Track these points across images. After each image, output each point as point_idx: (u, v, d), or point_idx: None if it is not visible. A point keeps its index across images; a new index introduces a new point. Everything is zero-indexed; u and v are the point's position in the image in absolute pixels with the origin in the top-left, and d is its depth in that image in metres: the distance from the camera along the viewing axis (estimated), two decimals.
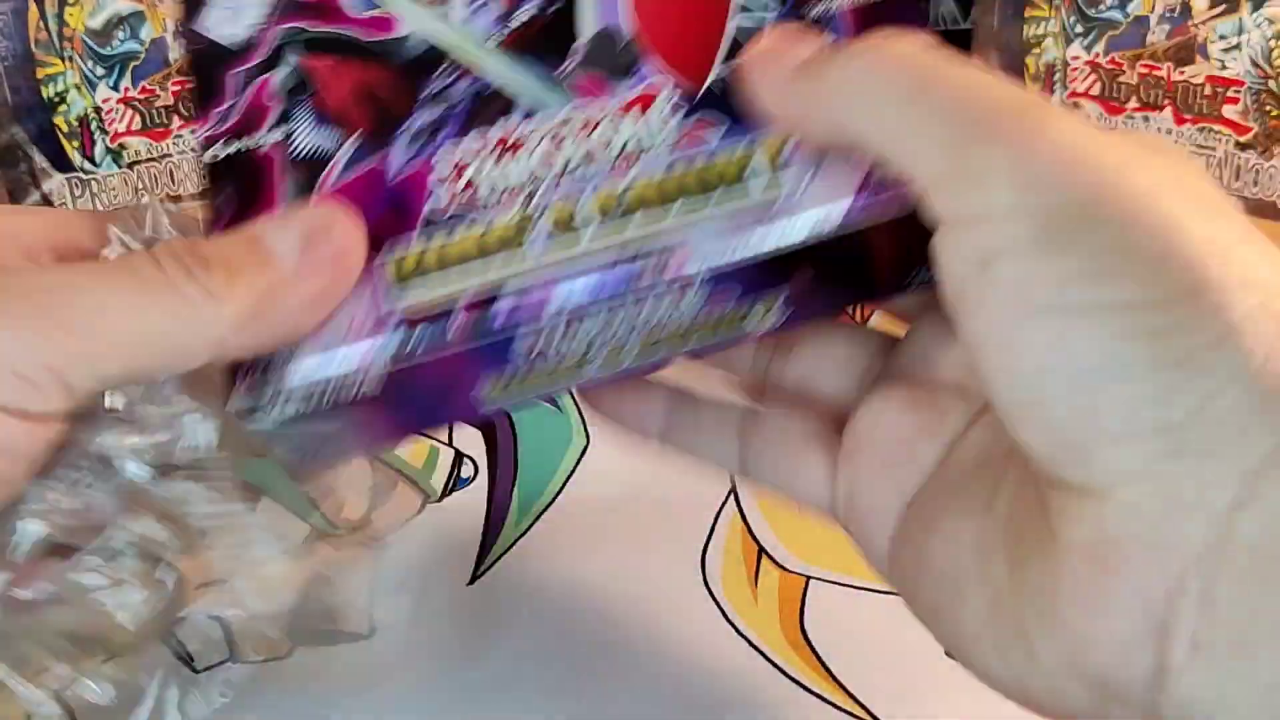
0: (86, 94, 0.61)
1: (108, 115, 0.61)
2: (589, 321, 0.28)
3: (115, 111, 0.62)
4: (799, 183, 0.28)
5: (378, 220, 0.29)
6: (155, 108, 0.63)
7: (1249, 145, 0.60)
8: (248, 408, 0.29)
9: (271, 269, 0.28)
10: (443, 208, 0.29)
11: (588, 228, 0.28)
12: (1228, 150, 0.61)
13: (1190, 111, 0.61)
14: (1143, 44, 0.61)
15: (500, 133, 0.29)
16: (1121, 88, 0.63)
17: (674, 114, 0.29)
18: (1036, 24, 0.64)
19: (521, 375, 0.29)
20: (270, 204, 0.30)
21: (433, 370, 0.29)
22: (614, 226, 0.28)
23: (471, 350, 0.28)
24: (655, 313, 0.28)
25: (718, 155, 0.28)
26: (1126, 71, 0.62)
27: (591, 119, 0.29)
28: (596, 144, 0.29)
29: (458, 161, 0.29)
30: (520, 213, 0.28)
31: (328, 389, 0.28)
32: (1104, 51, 0.63)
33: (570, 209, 0.28)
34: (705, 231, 0.28)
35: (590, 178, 0.28)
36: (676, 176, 0.28)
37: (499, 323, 0.28)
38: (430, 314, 0.28)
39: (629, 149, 0.28)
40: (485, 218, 0.29)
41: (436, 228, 0.29)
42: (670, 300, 0.28)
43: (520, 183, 0.29)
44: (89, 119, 0.61)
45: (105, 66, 0.61)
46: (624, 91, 0.29)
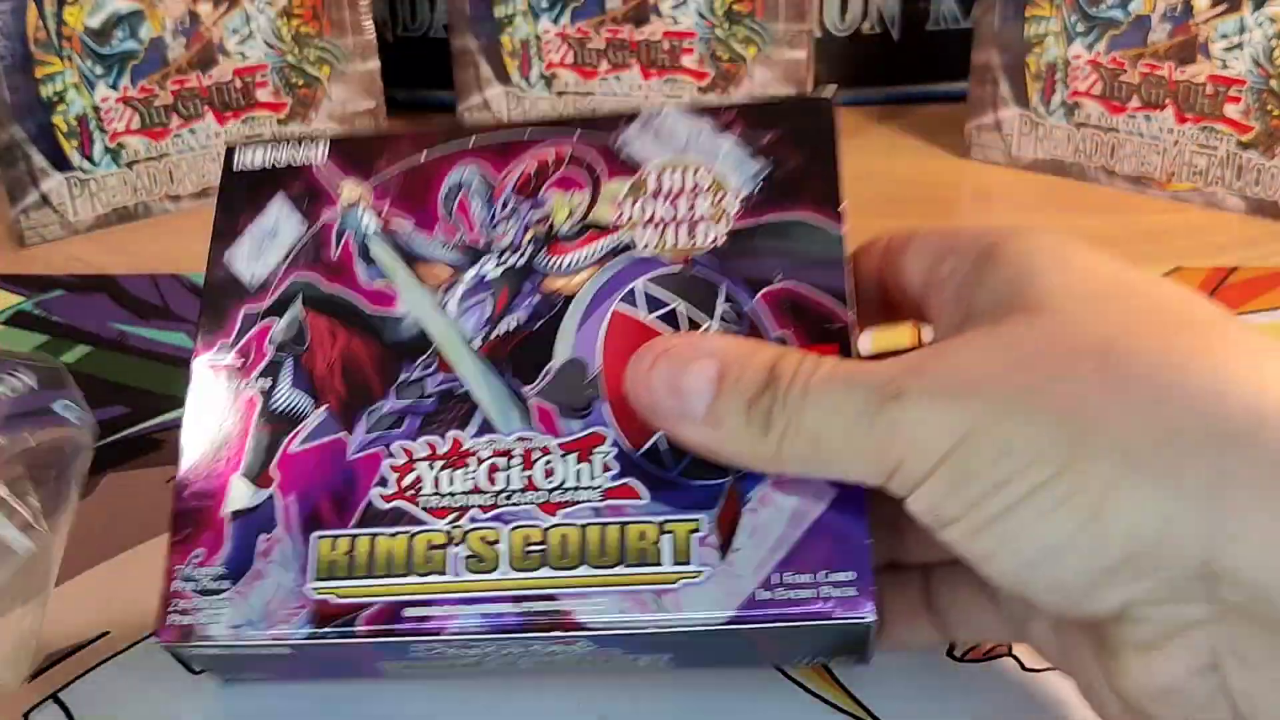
0: (85, 93, 0.61)
1: (106, 114, 0.61)
2: (481, 647, 0.31)
3: (114, 111, 0.61)
4: (700, 574, 0.30)
5: (330, 492, 0.32)
6: (154, 107, 0.62)
7: (1251, 144, 0.60)
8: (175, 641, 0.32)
9: None
10: (387, 496, 0.32)
11: (500, 566, 0.31)
12: (1229, 149, 0.60)
13: (1192, 111, 0.61)
14: (1144, 43, 0.61)
15: (452, 442, 0.32)
16: (1123, 87, 0.63)
17: (605, 471, 0.31)
18: (1038, 23, 0.64)
19: (422, 663, 0.32)
20: (239, 448, 0.33)
21: (340, 651, 0.32)
22: (524, 570, 0.30)
23: (375, 642, 0.31)
24: (546, 648, 0.31)
25: (632, 527, 0.31)
26: (1128, 70, 0.62)
27: (535, 451, 0.32)
28: (536, 475, 0.31)
29: (411, 455, 0.32)
30: (448, 530, 0.31)
31: (245, 648, 0.32)
32: (1105, 50, 0.62)
33: (493, 538, 0.31)
34: (601, 602, 0.30)
35: (519, 513, 0.31)
36: (594, 535, 0.31)
37: (405, 627, 0.31)
38: (343, 610, 0.31)
39: (563, 491, 0.31)
40: (418, 527, 0.31)
41: (374, 523, 0.32)
42: (560, 645, 0.31)
43: (459, 495, 0.32)
44: (88, 118, 0.61)
45: (104, 66, 0.61)
46: (571, 432, 0.32)
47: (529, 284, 0.34)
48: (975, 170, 0.68)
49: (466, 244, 0.35)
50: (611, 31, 0.68)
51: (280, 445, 0.33)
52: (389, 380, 0.33)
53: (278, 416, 0.34)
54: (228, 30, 0.63)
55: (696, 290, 0.33)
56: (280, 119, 0.66)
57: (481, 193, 0.35)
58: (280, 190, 0.36)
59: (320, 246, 0.35)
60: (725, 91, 0.68)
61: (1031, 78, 0.65)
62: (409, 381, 0.33)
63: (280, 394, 0.34)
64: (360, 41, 0.66)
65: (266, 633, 0.31)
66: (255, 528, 0.32)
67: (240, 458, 0.33)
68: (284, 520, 0.32)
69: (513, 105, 0.71)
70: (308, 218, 0.36)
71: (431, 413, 0.33)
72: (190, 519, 0.33)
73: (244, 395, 0.34)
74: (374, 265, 0.35)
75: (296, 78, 0.65)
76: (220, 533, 0.33)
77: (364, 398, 0.33)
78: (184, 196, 0.65)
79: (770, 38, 0.66)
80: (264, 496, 0.33)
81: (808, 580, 0.29)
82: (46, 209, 0.61)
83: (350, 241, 0.35)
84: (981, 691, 0.35)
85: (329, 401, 0.33)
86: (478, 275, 0.34)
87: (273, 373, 0.34)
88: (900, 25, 0.75)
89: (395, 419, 0.33)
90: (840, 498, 0.30)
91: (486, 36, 0.69)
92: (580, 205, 0.35)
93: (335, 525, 0.32)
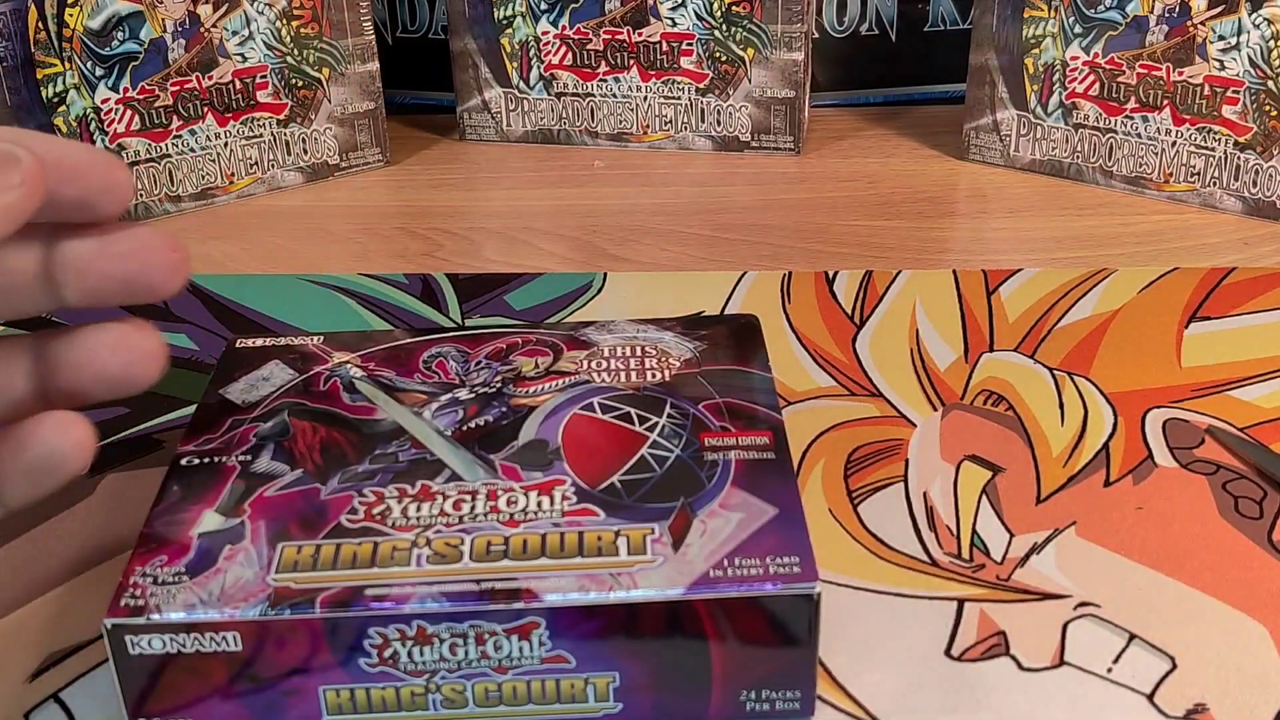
0: (86, 94, 0.61)
1: (107, 115, 0.61)
2: (435, 648, 0.31)
3: (114, 112, 0.62)
4: (655, 560, 0.32)
5: (300, 518, 0.34)
6: (154, 108, 0.63)
7: (1248, 145, 0.60)
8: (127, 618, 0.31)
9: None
10: (355, 520, 0.34)
11: (462, 561, 0.32)
12: (1227, 150, 0.61)
13: (1189, 112, 0.61)
14: (1142, 44, 0.61)
15: (421, 486, 0.35)
16: (1120, 88, 0.63)
17: (565, 500, 0.34)
18: (1035, 24, 0.64)
19: (366, 688, 0.32)
20: (215, 496, 0.35)
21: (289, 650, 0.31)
22: (486, 562, 0.32)
23: (328, 652, 0.31)
24: (498, 653, 0.32)
25: (589, 532, 0.33)
26: (1125, 72, 0.62)
27: (499, 490, 0.34)
28: (499, 504, 0.34)
29: (382, 496, 0.34)
30: (413, 539, 0.33)
31: (191, 639, 0.31)
32: (1103, 52, 0.63)
33: (456, 542, 0.33)
34: (559, 581, 0.31)
35: (482, 527, 0.33)
36: (554, 538, 0.33)
37: (361, 607, 0.31)
38: (302, 593, 0.31)
39: (524, 514, 0.34)
40: (384, 537, 0.33)
41: (341, 536, 0.33)
42: (510, 646, 0.31)
43: (425, 517, 0.33)
44: (88, 119, 0.61)
45: (104, 67, 0.61)
46: (534, 479, 0.35)
47: (497, 402, 0.39)
48: (973, 171, 0.68)
49: (442, 382, 0.40)
50: (610, 33, 0.68)
51: (255, 492, 0.35)
52: (364, 455, 0.36)
53: (255, 476, 0.36)
54: (228, 32, 0.63)
55: (645, 402, 0.38)
56: (280, 120, 0.66)
57: (457, 358, 0.41)
58: (276, 358, 0.41)
59: (309, 384, 0.40)
60: (724, 93, 0.68)
61: (1029, 79, 0.65)
62: (383, 454, 0.36)
63: (260, 463, 0.36)
64: (360, 43, 0.66)
65: (221, 611, 0.31)
66: (223, 540, 0.33)
67: (215, 499, 0.35)
68: (252, 536, 0.33)
69: (512, 106, 0.71)
70: (300, 372, 0.40)
71: (403, 470, 0.36)
72: (157, 539, 0.33)
73: (224, 464, 0.36)
74: (358, 395, 0.39)
75: (296, 79, 0.65)
76: (186, 547, 0.33)
77: (339, 464, 0.36)
78: (184, 197, 0.65)
79: (768, 39, 0.67)
80: (235, 523, 0.34)
81: (756, 562, 0.32)
82: None
83: (338, 381, 0.40)
84: (978, 690, 0.35)
85: (306, 467, 0.36)
86: (451, 398, 0.39)
87: (254, 451, 0.37)
88: (898, 27, 0.75)
89: (369, 474, 0.36)
90: (782, 513, 0.33)
91: (486, 38, 0.70)
92: (544, 363, 0.40)
93: (303, 539, 0.33)
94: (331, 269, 0.59)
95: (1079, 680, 0.35)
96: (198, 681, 0.32)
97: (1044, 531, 0.40)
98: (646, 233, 0.62)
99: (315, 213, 0.65)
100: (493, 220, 0.64)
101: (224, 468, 0.36)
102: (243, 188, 0.66)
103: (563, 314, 0.54)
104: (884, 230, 0.62)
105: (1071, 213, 0.63)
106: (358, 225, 0.64)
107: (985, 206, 0.65)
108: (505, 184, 0.69)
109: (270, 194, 0.67)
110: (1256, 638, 0.36)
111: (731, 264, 0.58)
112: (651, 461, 0.36)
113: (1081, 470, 0.43)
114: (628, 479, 0.35)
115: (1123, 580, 0.38)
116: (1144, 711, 0.34)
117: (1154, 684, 0.35)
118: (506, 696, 0.32)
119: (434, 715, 0.33)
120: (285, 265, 0.60)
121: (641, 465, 0.35)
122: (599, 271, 0.58)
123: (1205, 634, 0.36)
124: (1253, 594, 0.37)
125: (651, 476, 0.35)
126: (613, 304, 0.55)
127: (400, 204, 0.67)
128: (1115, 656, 0.36)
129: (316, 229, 0.64)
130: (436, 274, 0.58)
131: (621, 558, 0.32)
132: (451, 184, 0.69)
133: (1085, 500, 0.42)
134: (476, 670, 0.32)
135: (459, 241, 0.62)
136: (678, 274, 0.58)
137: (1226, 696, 0.34)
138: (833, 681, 0.35)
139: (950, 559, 0.39)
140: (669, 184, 0.67)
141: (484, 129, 0.72)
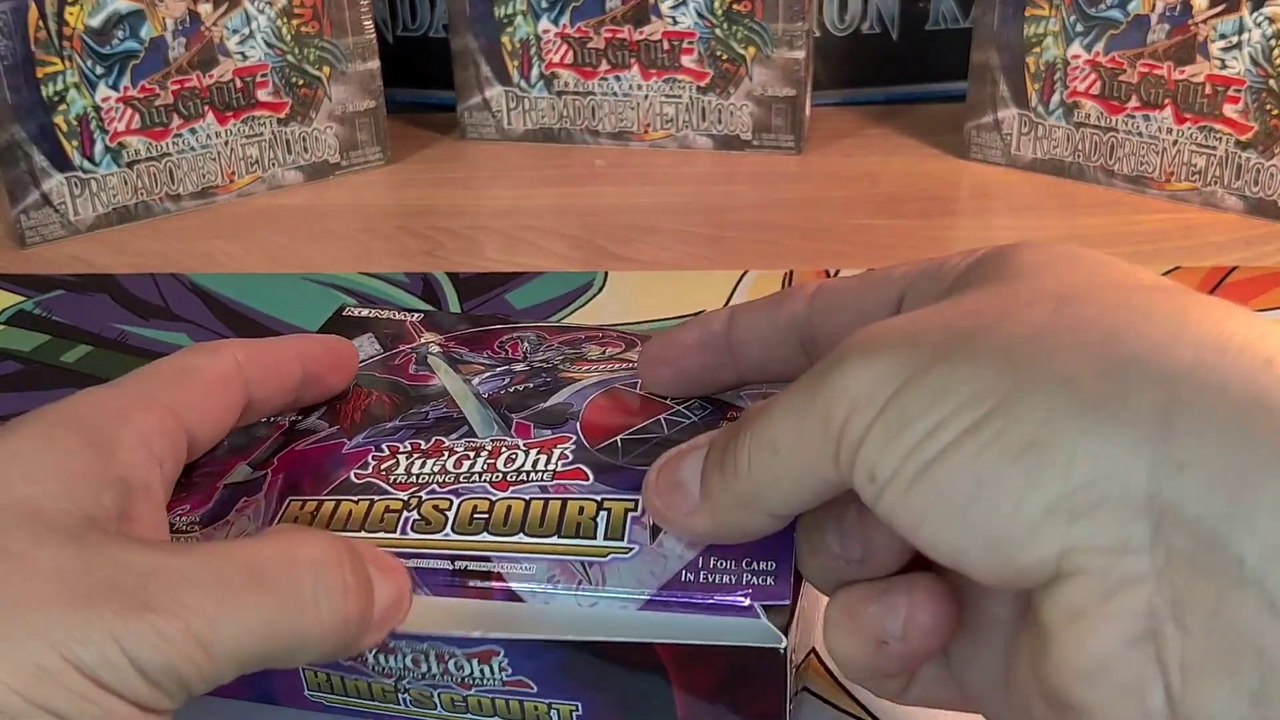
0: (86, 93, 0.61)
1: (107, 114, 0.61)
2: (399, 659, 0.32)
3: (115, 110, 0.62)
4: (630, 550, 0.31)
5: (315, 472, 0.34)
6: (155, 107, 0.62)
7: (1250, 144, 0.60)
8: None
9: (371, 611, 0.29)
10: (361, 475, 0.34)
11: (444, 530, 0.32)
12: (1228, 149, 0.61)
13: (1191, 110, 0.61)
14: (1143, 43, 0.61)
15: (434, 441, 0.34)
16: (1122, 87, 0.63)
17: (561, 460, 0.33)
18: (1037, 23, 0.64)
19: (341, 676, 0.33)
20: (255, 450, 0.36)
21: None
22: (465, 534, 0.32)
23: None
24: (459, 671, 0.31)
25: (572, 502, 0.32)
26: (1127, 70, 0.62)
27: (504, 447, 0.34)
28: (498, 463, 0.33)
29: (396, 451, 0.34)
30: (406, 499, 0.33)
31: None
32: (1104, 50, 0.63)
33: (444, 506, 0.32)
34: (531, 567, 0.31)
35: (473, 489, 0.33)
36: (536, 507, 0.32)
37: None
38: None
39: (518, 473, 0.33)
40: (381, 496, 0.33)
41: (345, 493, 0.33)
42: (471, 667, 0.31)
43: (425, 475, 0.33)
44: (88, 118, 0.61)
45: (105, 65, 0.61)
46: (541, 436, 0.34)
47: (546, 375, 0.38)
48: (974, 170, 0.68)
49: (507, 357, 0.40)
50: (611, 31, 0.68)
51: (289, 446, 0.35)
52: (400, 414, 0.36)
53: (297, 432, 0.36)
54: (228, 30, 0.63)
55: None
56: (280, 119, 0.66)
57: (533, 341, 0.41)
58: (371, 331, 0.41)
59: (389, 360, 0.40)
60: (725, 92, 0.68)
61: (1030, 78, 0.65)
62: (416, 413, 0.36)
63: (306, 421, 0.37)
64: (360, 41, 0.66)
65: None
66: (241, 493, 0.34)
67: (255, 452, 0.36)
68: (267, 489, 0.34)
69: (512, 105, 0.71)
70: (386, 349, 0.40)
71: (425, 427, 0.35)
72: (190, 486, 0.35)
73: (276, 422, 0.37)
74: (424, 366, 0.39)
75: (297, 78, 0.65)
76: (211, 496, 0.34)
77: (372, 422, 0.36)
78: (184, 196, 0.65)
79: (770, 37, 0.66)
80: (258, 475, 0.35)
81: (730, 565, 0.30)
82: (47, 209, 0.61)
83: (412, 357, 0.40)
84: None
85: (342, 425, 0.36)
86: (506, 369, 0.38)
87: (306, 411, 0.37)
88: (899, 25, 0.75)
89: (392, 430, 0.35)
90: None
91: (487, 36, 0.69)
92: (613, 352, 0.39)
93: (310, 494, 0.33)
94: (332, 268, 0.59)
95: None
96: None
97: None
98: (648, 231, 0.62)
99: (316, 212, 0.65)
100: (493, 219, 0.64)
101: (275, 425, 0.37)
102: (243, 186, 0.66)
103: (564, 313, 0.54)
104: (885, 229, 0.62)
105: (1073, 212, 0.63)
106: (358, 224, 0.64)
107: (987, 205, 0.65)
108: (506, 183, 0.69)
109: (271, 193, 0.67)
110: None
111: (733, 263, 0.58)
112: (664, 425, 0.34)
113: None
114: (631, 438, 0.34)
115: None
116: None
117: None
118: (473, 707, 0.32)
119: (406, 710, 0.33)
120: (285, 264, 0.60)
121: (652, 427, 0.34)
122: (600, 270, 0.58)
123: None
124: None
125: (655, 437, 0.34)
126: (614, 303, 0.55)
127: (401, 203, 0.67)
128: None
129: (317, 228, 0.64)
130: (437, 273, 0.58)
131: (597, 541, 0.31)
132: (452, 183, 0.69)
133: None
134: (441, 682, 0.32)
135: (460, 240, 0.62)
136: (679, 273, 0.58)
137: None
138: (833, 681, 0.35)
139: None
140: (670, 183, 0.67)
141: (485, 128, 0.72)
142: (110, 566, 0.26)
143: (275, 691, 0.33)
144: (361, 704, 0.33)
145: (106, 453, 0.29)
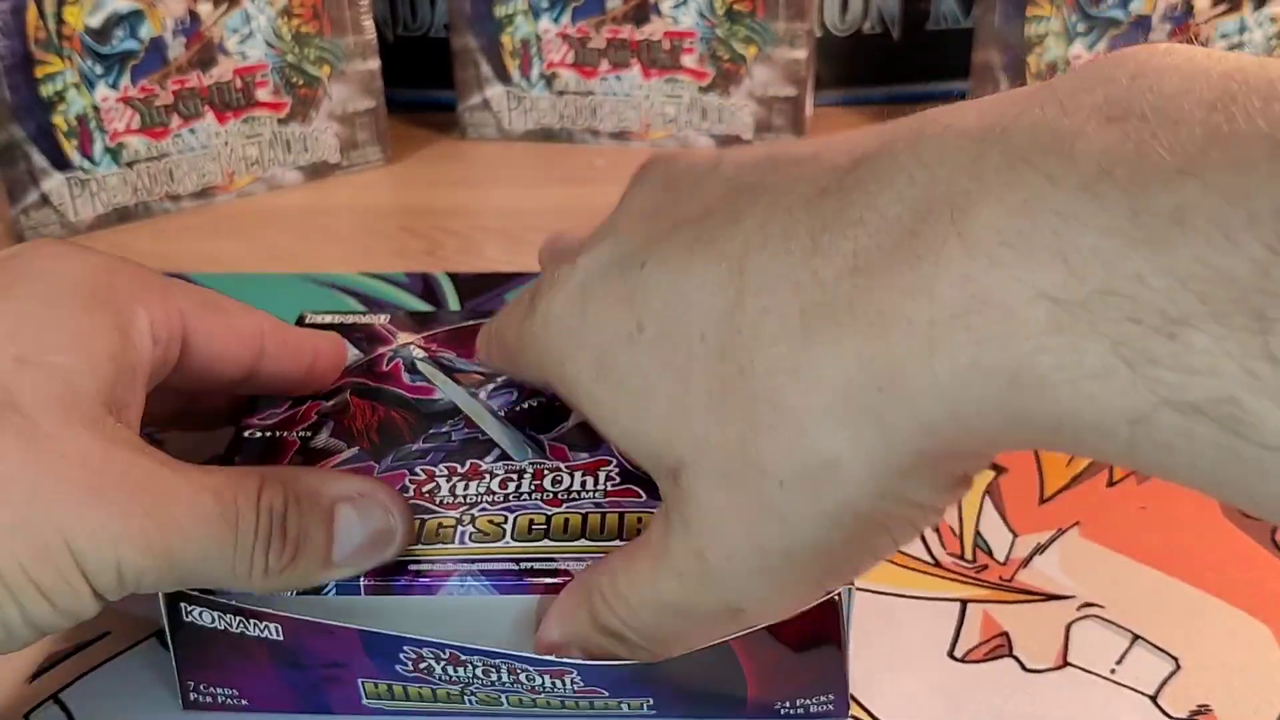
0: (85, 93, 0.61)
1: (106, 114, 0.61)
2: (469, 669, 0.31)
3: (114, 110, 0.61)
4: None
5: None
6: (154, 106, 0.62)
7: None
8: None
9: (327, 564, 0.30)
10: (407, 496, 0.33)
11: (504, 540, 0.32)
12: None
13: None
14: (1145, 43, 0.61)
15: (470, 464, 0.35)
16: None
17: (609, 481, 0.34)
18: (1038, 23, 0.64)
19: (404, 685, 0.32)
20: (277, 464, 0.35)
21: (328, 648, 0.32)
22: (527, 541, 0.32)
23: (365, 656, 0.32)
24: (530, 682, 0.31)
25: (630, 514, 0.33)
26: None
27: (546, 470, 0.34)
28: (545, 484, 0.34)
29: (433, 475, 0.34)
30: (458, 516, 0.33)
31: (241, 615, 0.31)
32: (1106, 50, 0.62)
33: (500, 520, 0.33)
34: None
35: (526, 505, 0.33)
36: (595, 519, 0.32)
37: (403, 580, 0.31)
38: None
39: (568, 493, 0.33)
40: (430, 515, 0.33)
41: None
42: (543, 680, 0.31)
43: (472, 495, 0.33)
44: (88, 118, 0.61)
45: (104, 65, 0.61)
46: (580, 459, 0.35)
47: None
48: None
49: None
50: (612, 31, 0.68)
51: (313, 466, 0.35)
52: (419, 434, 0.36)
53: (314, 451, 0.36)
54: (228, 30, 0.63)
55: None
56: (280, 119, 0.66)
57: None
58: (344, 337, 0.40)
59: (373, 365, 0.40)
60: (726, 91, 0.68)
61: (1032, 78, 0.65)
62: (437, 433, 0.36)
63: (319, 439, 0.36)
64: (360, 41, 0.66)
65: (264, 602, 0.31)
66: None
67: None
68: None
69: (513, 105, 0.71)
70: (364, 352, 0.40)
71: (455, 450, 0.35)
72: None
73: (285, 438, 0.36)
74: (418, 375, 0.39)
75: (296, 77, 0.65)
76: None
77: (395, 444, 0.36)
78: (184, 196, 0.65)
79: (770, 37, 0.66)
80: None
81: None
82: (47, 209, 0.61)
83: (399, 363, 0.40)
84: (982, 691, 0.35)
85: (362, 445, 0.36)
86: (508, 379, 0.38)
87: (315, 428, 0.37)
88: (901, 25, 0.75)
89: (420, 453, 0.35)
90: None
91: (487, 36, 0.69)
92: None
93: None
94: (332, 268, 0.59)
95: (1083, 681, 0.35)
96: (244, 658, 0.32)
97: (1047, 532, 0.40)
98: None
99: (315, 211, 0.65)
100: (494, 219, 0.64)
101: (285, 441, 0.36)
102: (242, 186, 0.66)
103: None
104: None
105: None
106: (358, 224, 0.64)
107: None
108: (506, 182, 0.68)
109: (270, 192, 0.67)
110: (1261, 638, 0.36)
111: None
112: None
113: (1085, 470, 0.43)
114: None
115: (1126, 581, 0.38)
116: (1148, 713, 0.34)
117: (1158, 685, 0.34)
118: (541, 705, 0.33)
119: (470, 708, 0.33)
120: (285, 264, 0.60)
121: None
122: None
123: (1209, 635, 0.36)
124: (1257, 595, 0.37)
125: None
126: None
127: (401, 202, 0.66)
128: (1119, 658, 0.35)
129: (317, 228, 0.63)
130: (437, 273, 0.58)
131: None
132: (452, 182, 0.68)
133: (1089, 500, 0.41)
134: (510, 689, 0.32)
135: (460, 240, 0.61)
136: None
137: (1230, 697, 0.34)
138: None
139: (953, 560, 0.39)
140: None
141: (485, 127, 0.72)
142: (122, 464, 0.28)
143: (330, 702, 0.33)
144: (423, 706, 0.33)
145: (125, 336, 0.30)
